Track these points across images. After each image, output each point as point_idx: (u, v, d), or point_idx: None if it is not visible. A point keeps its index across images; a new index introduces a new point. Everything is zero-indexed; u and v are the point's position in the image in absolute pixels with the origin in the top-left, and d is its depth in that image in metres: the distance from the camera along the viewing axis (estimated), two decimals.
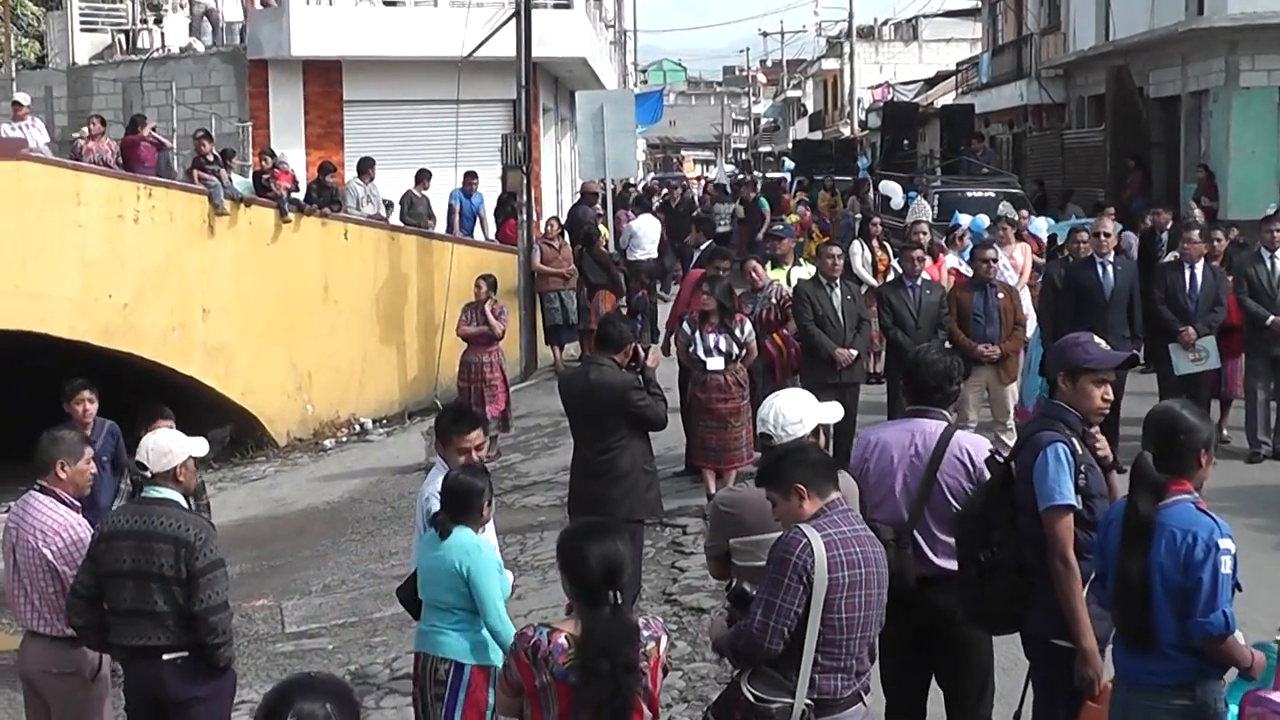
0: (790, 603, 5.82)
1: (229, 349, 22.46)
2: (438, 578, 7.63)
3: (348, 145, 27.67)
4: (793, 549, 5.86)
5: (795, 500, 6.02)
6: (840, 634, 5.88)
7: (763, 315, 14.45)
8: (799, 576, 5.81)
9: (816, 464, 6.13)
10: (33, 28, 43.84)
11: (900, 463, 7.38)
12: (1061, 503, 6.54)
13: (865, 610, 5.94)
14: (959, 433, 7.42)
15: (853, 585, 5.87)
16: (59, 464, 8.38)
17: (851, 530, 5.98)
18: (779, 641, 5.85)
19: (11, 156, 20.98)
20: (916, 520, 7.32)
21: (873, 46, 77.80)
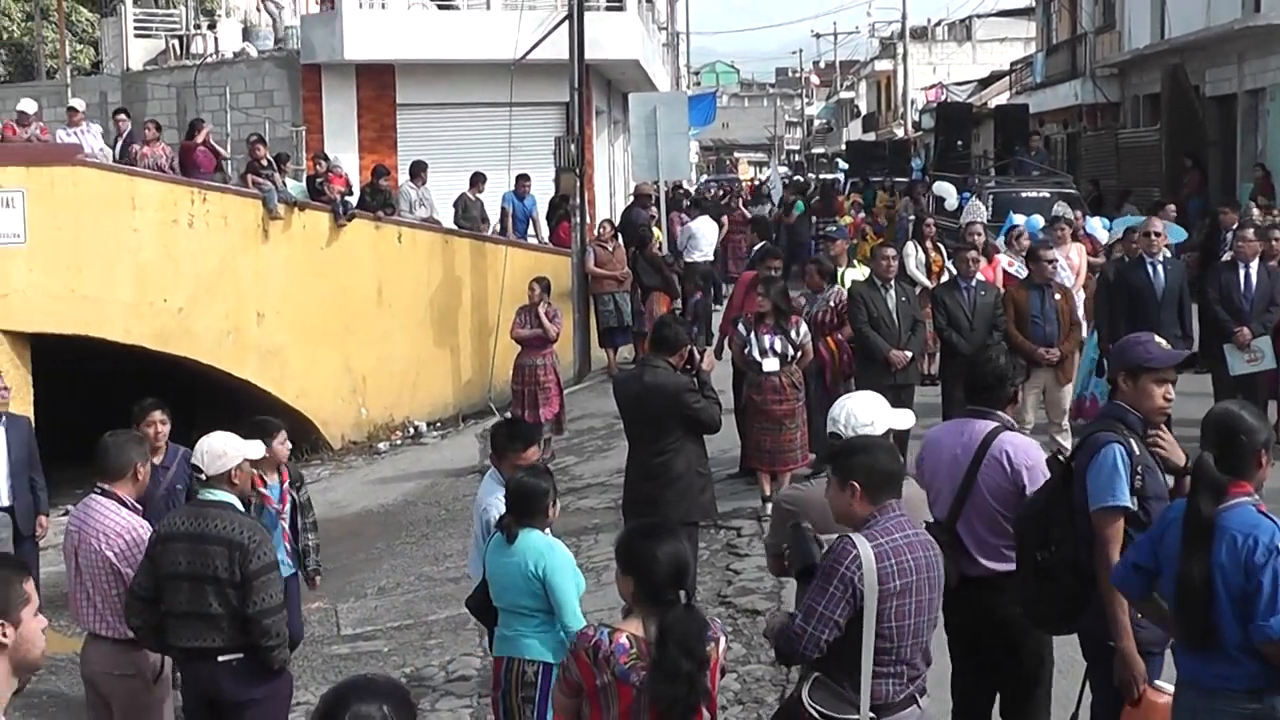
0: (833, 612, 5.80)
1: (283, 352, 22.53)
2: (513, 582, 7.61)
3: (401, 149, 27.71)
4: (842, 560, 5.84)
5: (848, 494, 6.02)
6: (892, 641, 5.87)
7: (819, 317, 14.39)
8: (845, 587, 5.80)
9: (881, 471, 6.08)
10: (87, 34, 44.15)
11: (949, 461, 7.42)
12: (1113, 504, 6.51)
13: (916, 616, 5.92)
14: (1004, 434, 7.41)
15: (904, 593, 5.85)
16: (137, 466, 8.42)
17: (904, 537, 5.95)
18: (814, 649, 5.85)
19: (67, 162, 21.12)
20: (956, 518, 7.36)
21: (926, 47, 77.53)
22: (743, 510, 13.89)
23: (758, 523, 13.42)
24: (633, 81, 33.16)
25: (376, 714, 3.87)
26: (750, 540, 13.05)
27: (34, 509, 12.59)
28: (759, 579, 11.92)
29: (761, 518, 13.43)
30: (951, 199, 28.66)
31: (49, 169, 20.83)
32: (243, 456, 8.02)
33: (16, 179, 20.49)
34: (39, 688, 11.90)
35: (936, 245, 19.24)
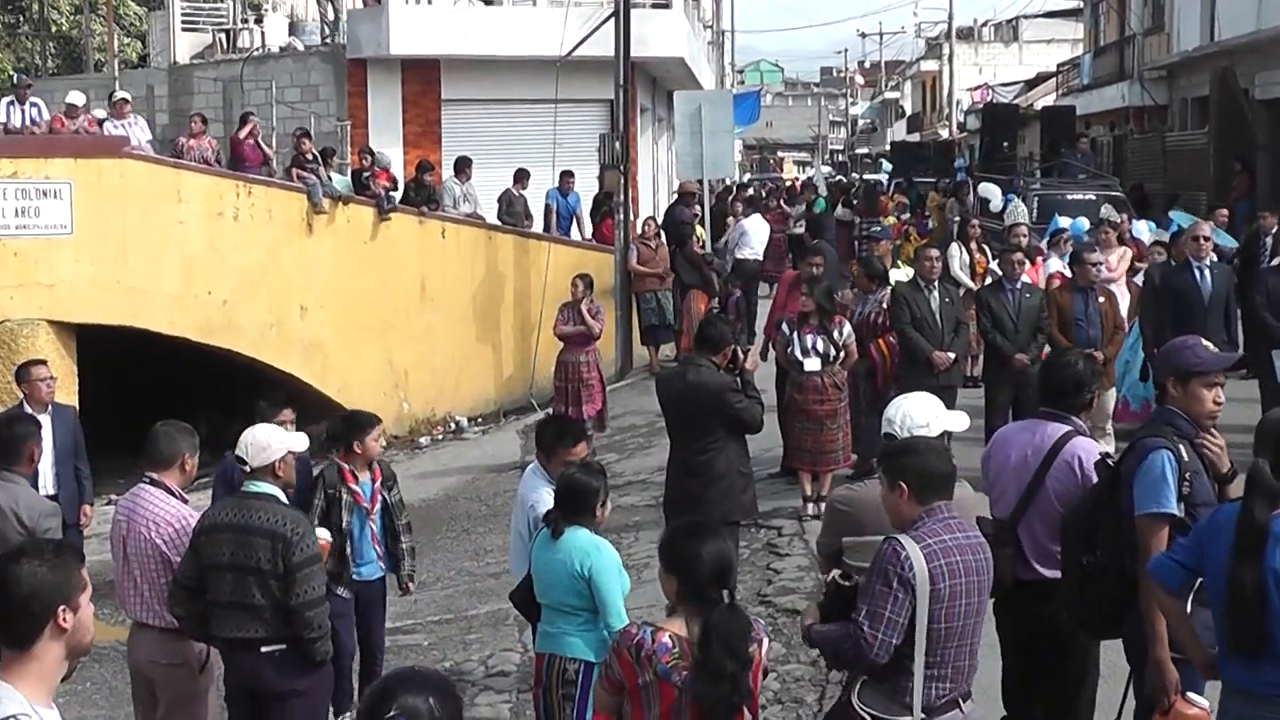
0: (898, 614, 5.78)
1: (326, 346, 22.60)
2: (558, 580, 7.61)
3: (445, 144, 27.77)
4: (894, 561, 5.81)
5: (897, 496, 6.00)
6: (938, 643, 5.83)
7: (871, 318, 14.35)
8: (904, 587, 5.77)
9: (930, 473, 6.04)
10: (135, 27, 44.39)
11: (1017, 463, 7.38)
12: (1158, 510, 6.48)
13: (964, 619, 5.89)
14: (1077, 439, 7.35)
15: (953, 595, 5.82)
16: (185, 457, 8.47)
17: (953, 539, 5.92)
18: (886, 653, 5.82)
19: (114, 154, 21.24)
20: (1018, 520, 7.30)
21: (972, 47, 77.26)
22: (784, 509, 13.86)
23: (798, 522, 13.41)
24: (677, 79, 33.14)
25: (423, 705, 3.88)
26: (791, 540, 13.03)
27: (78, 498, 12.68)
28: (799, 578, 11.91)
29: (802, 517, 13.42)
30: (996, 200, 28.57)
31: (96, 161, 20.96)
32: (286, 449, 8.06)
33: (64, 171, 20.64)
34: (83, 674, 11.98)
35: (981, 247, 19.18)
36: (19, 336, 20.12)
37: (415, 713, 3.87)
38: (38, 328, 20.28)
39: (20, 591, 4.42)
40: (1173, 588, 6.15)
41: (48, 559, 4.53)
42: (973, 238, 19.37)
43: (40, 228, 20.44)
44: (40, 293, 20.44)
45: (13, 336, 20.13)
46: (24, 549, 4.64)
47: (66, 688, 4.62)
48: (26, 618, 4.43)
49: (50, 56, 43.04)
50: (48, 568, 4.49)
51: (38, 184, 20.45)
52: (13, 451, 9.10)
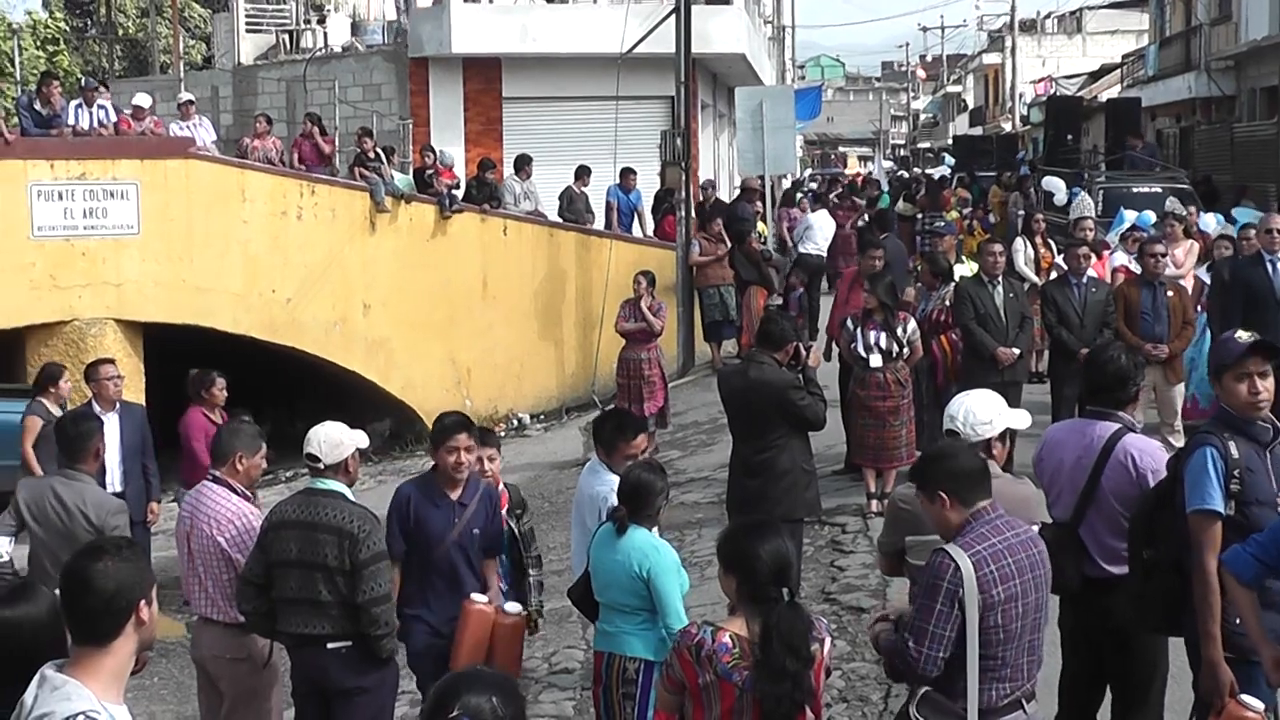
0: (943, 629, 5.73)
1: (389, 344, 22.70)
2: (617, 580, 7.61)
3: (506, 142, 27.83)
4: (942, 574, 5.75)
5: (939, 506, 5.93)
6: (997, 648, 5.78)
7: (933, 315, 14.28)
8: (950, 602, 5.72)
9: (964, 473, 5.97)
10: (199, 29, 44.75)
11: (1071, 464, 7.31)
12: (1203, 507, 6.41)
13: (1023, 620, 5.83)
14: (1128, 435, 7.27)
15: (1008, 599, 5.76)
16: (237, 455, 8.54)
17: (1003, 541, 5.84)
18: (934, 667, 5.78)
19: (180, 155, 21.42)
20: (1079, 521, 7.24)
21: (1035, 40, 76.78)
22: (847, 507, 13.80)
23: (862, 519, 13.35)
24: (738, 75, 33.10)
25: (486, 705, 3.88)
26: (855, 537, 12.97)
27: (145, 495, 12.79)
28: (864, 576, 11.86)
29: (867, 514, 13.37)
30: (1060, 194, 28.40)
31: (162, 162, 21.18)
32: (355, 445, 8.11)
33: (131, 171, 20.85)
34: (151, 670, 12.08)
35: (1046, 241, 19.05)
36: (87, 335, 20.35)
37: (479, 712, 3.88)
38: (105, 326, 20.51)
39: (106, 587, 4.48)
40: (1246, 579, 6.10)
41: (124, 555, 4.60)
42: (1037, 232, 19.24)
43: (108, 228, 20.66)
44: (108, 292, 20.66)
45: (81, 335, 20.35)
46: (101, 546, 4.70)
47: (134, 683, 4.67)
48: (111, 613, 4.49)
49: (117, 59, 43.46)
50: (125, 563, 4.56)
51: (105, 185, 20.66)
52: (77, 449, 9.16)
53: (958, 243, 22.37)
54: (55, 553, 8.52)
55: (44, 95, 21.43)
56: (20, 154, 20.36)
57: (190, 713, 10.84)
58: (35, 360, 20.35)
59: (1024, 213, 26.28)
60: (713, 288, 22.19)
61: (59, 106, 21.34)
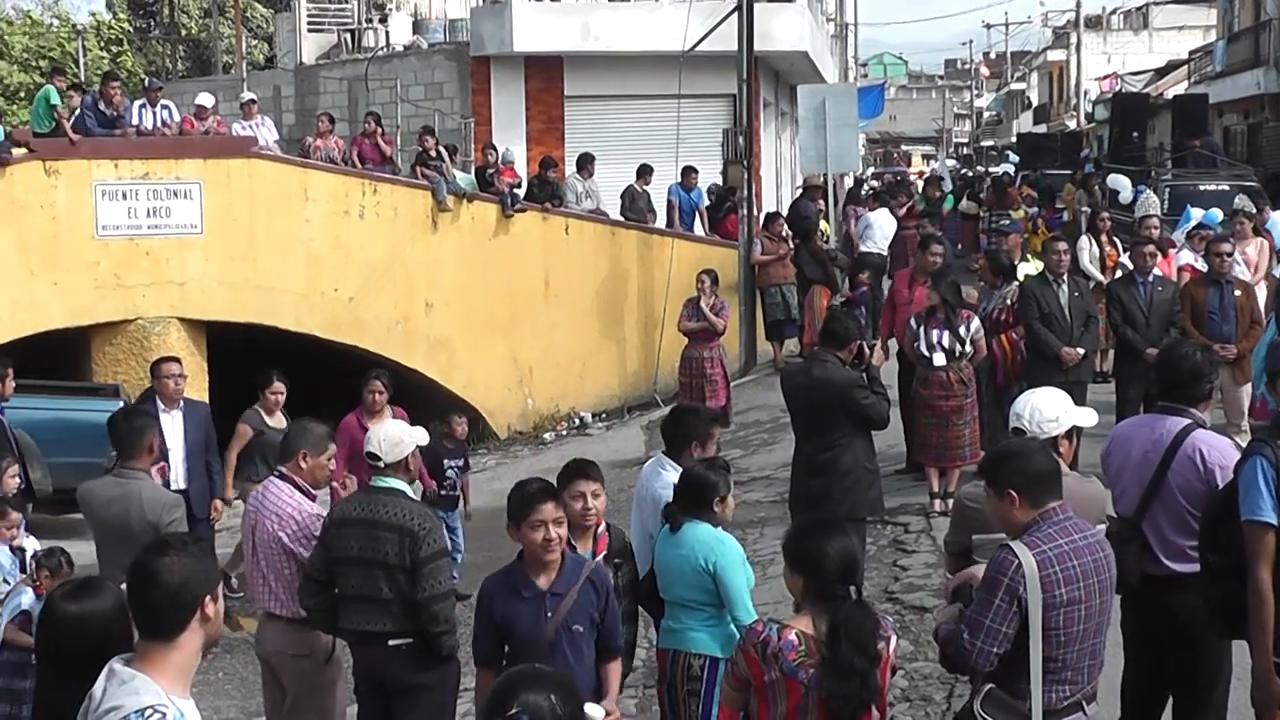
0: (1000, 624, 5.69)
1: (451, 343, 22.75)
2: (682, 576, 7.59)
3: (568, 140, 27.82)
4: (1005, 570, 5.72)
5: (1007, 504, 5.88)
6: (1058, 649, 5.74)
7: (994, 315, 14.18)
8: (1010, 598, 5.68)
9: (1035, 473, 5.92)
10: (262, 29, 45.02)
11: (1138, 458, 7.24)
12: (1254, 518, 6.38)
13: (1086, 623, 5.78)
14: (1197, 432, 7.19)
15: (1071, 602, 5.71)
16: (301, 454, 8.57)
17: (1069, 542, 5.79)
18: (986, 662, 5.74)
19: (243, 154, 21.54)
20: (1142, 517, 7.19)
21: (1100, 36, 76.28)
22: (910, 506, 13.73)
23: (925, 519, 13.28)
24: (801, 73, 33.03)
25: (544, 703, 3.88)
26: (918, 536, 12.91)
27: (209, 492, 12.84)
28: (926, 575, 11.79)
29: (929, 514, 13.30)
30: (1126, 192, 28.21)
31: (225, 161, 21.29)
32: (415, 443, 8.13)
33: (194, 171, 20.98)
34: (215, 665, 12.16)
35: (1111, 239, 18.91)
36: (151, 334, 20.50)
37: (537, 710, 3.87)
38: (169, 325, 20.66)
39: (172, 582, 4.51)
40: None
41: (190, 551, 4.63)
42: (1103, 230, 19.10)
43: (171, 227, 20.79)
44: (171, 291, 20.80)
45: (145, 334, 20.50)
46: (168, 542, 4.73)
47: (199, 678, 4.68)
48: (177, 608, 4.51)
49: (180, 59, 43.75)
50: (191, 559, 4.59)
51: (169, 184, 20.80)
52: (131, 445, 9.19)
53: (1023, 241, 22.24)
54: (116, 549, 8.56)
55: (106, 95, 21.59)
56: (85, 154, 20.52)
57: (254, 707, 10.89)
58: (100, 359, 20.57)
59: (1089, 210, 26.10)
60: (775, 286, 22.17)
61: (122, 107, 21.50)
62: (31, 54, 40.99)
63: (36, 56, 40.71)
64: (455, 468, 14.12)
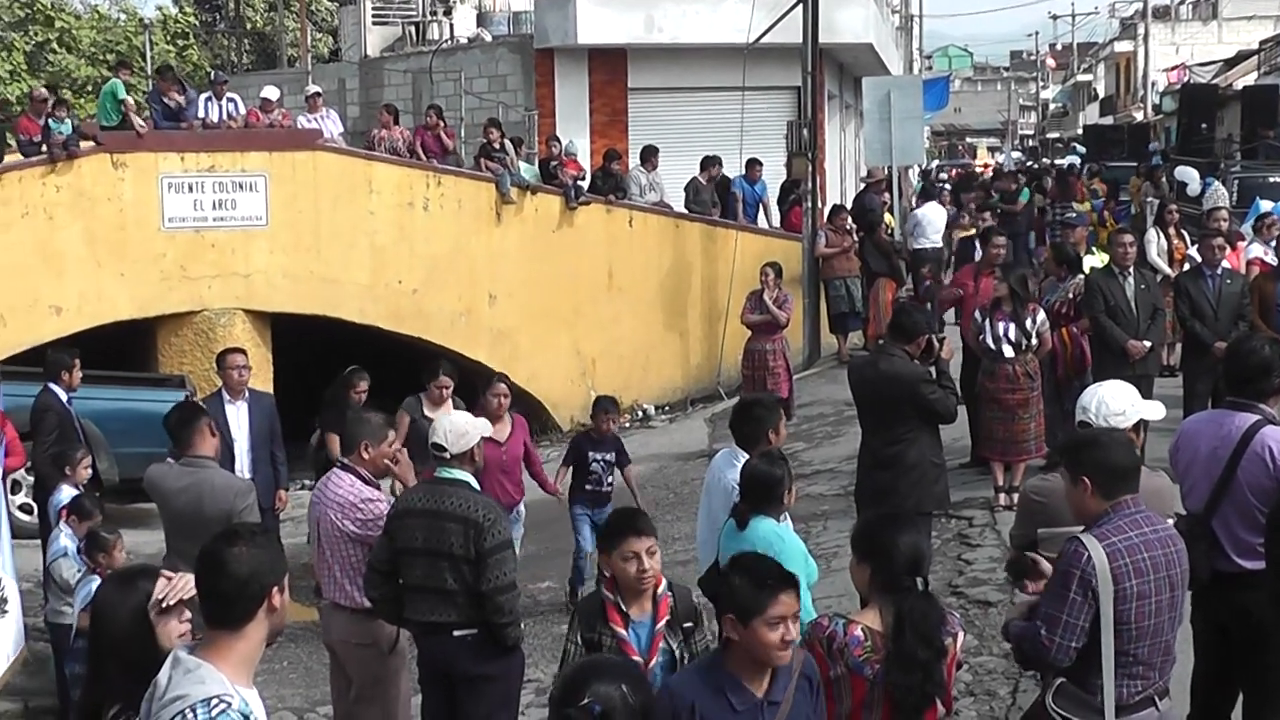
0: (1076, 618, 5.66)
1: (514, 334, 22.78)
2: None
3: (632, 133, 27.80)
4: (1076, 562, 5.69)
5: (1081, 491, 5.86)
6: (1129, 643, 5.71)
7: (1056, 308, 14.07)
8: (1084, 591, 5.65)
9: (1114, 465, 5.88)
10: (326, 23, 45.23)
11: (1206, 454, 7.18)
12: None
13: (1157, 617, 5.74)
14: (1266, 428, 7.12)
15: (1142, 594, 5.67)
16: (363, 445, 8.60)
17: (1140, 535, 5.76)
18: (1065, 657, 5.71)
19: (307, 147, 21.63)
20: (1211, 514, 7.12)
21: (1169, 26, 75.56)
22: (975, 500, 13.65)
23: (990, 513, 13.20)
24: (865, 65, 32.90)
25: (615, 694, 3.87)
26: (982, 530, 12.84)
27: (274, 483, 12.90)
28: (991, 569, 11.72)
29: (994, 508, 13.22)
30: (1194, 184, 27.96)
31: (290, 154, 21.39)
32: (479, 434, 8.13)
33: (259, 164, 21.09)
34: (280, 654, 12.22)
35: (1179, 232, 18.75)
36: (216, 325, 20.62)
37: (609, 700, 3.87)
38: (234, 317, 20.78)
39: (241, 572, 4.53)
40: None
41: (259, 541, 4.66)
42: (1170, 223, 18.95)
43: (237, 219, 20.91)
44: (237, 283, 20.92)
45: (210, 325, 20.63)
46: (237, 531, 4.75)
47: (263, 667, 4.71)
48: (245, 598, 4.54)
49: (245, 53, 44.04)
50: (260, 549, 4.62)
51: (234, 177, 20.91)
52: (183, 437, 9.24)
53: (1090, 234, 22.08)
54: (186, 537, 8.60)
55: (162, 90, 21.73)
56: (151, 146, 20.66)
57: (319, 696, 10.95)
58: (166, 350, 20.71)
59: (1156, 203, 25.88)
60: (839, 279, 22.12)
61: (185, 100, 21.63)
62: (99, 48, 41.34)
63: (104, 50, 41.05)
64: (601, 461, 13.40)
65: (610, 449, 13.53)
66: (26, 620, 11.49)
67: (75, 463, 11.33)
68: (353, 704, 8.72)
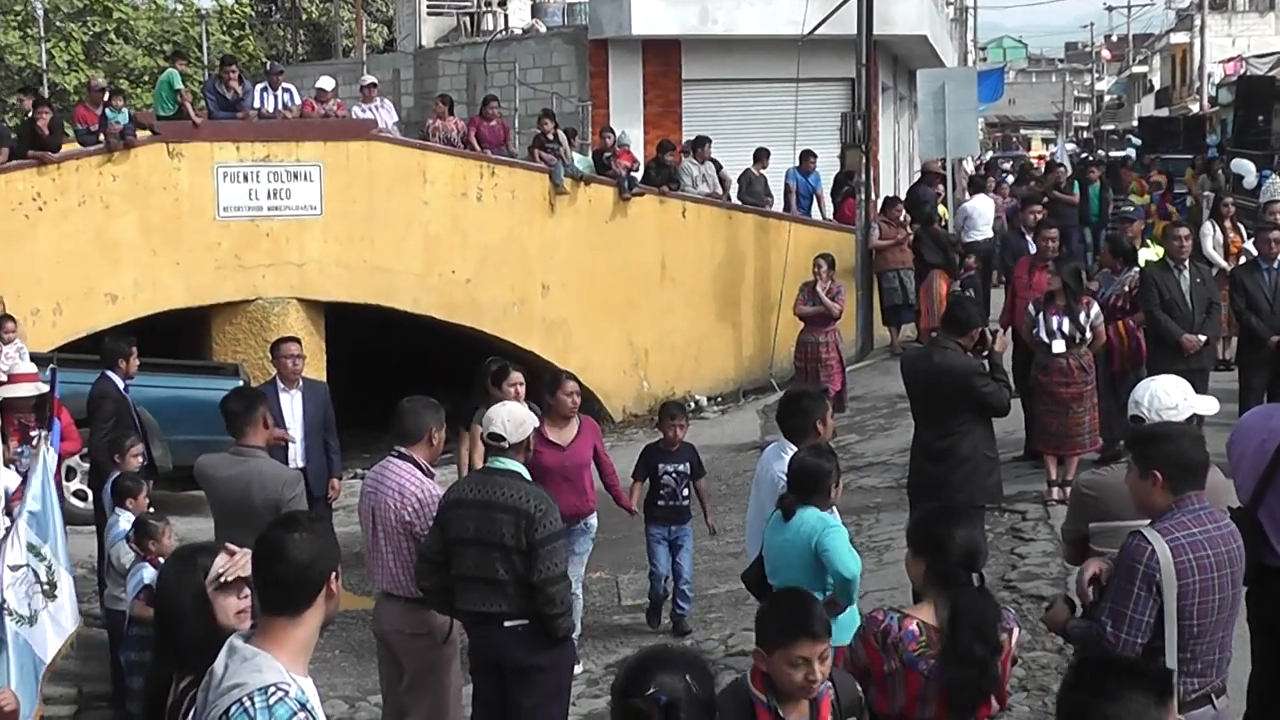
0: (1141, 613, 5.62)
1: (567, 325, 22.80)
2: (789, 561, 7.56)
3: (685, 124, 27.75)
4: (1139, 557, 5.64)
5: (1150, 484, 5.81)
6: (1189, 639, 5.67)
7: (1111, 301, 13.98)
8: (1148, 585, 5.61)
9: (1185, 461, 5.84)
10: (381, 13, 45.29)
11: (1255, 448, 7.15)
12: None
13: (1218, 613, 5.70)
14: None
15: (1204, 590, 5.63)
16: (430, 431, 8.61)
17: (1203, 531, 5.72)
18: (1132, 653, 5.66)
19: (362, 137, 21.70)
20: (1257, 506, 7.07)
21: (1225, 18, 74.88)
22: (1028, 494, 13.59)
23: (1043, 507, 13.14)
24: (919, 57, 32.76)
25: (679, 684, 3.87)
26: (1035, 525, 12.78)
27: (327, 471, 12.94)
28: (1044, 564, 11.67)
29: (1047, 502, 13.15)
30: (1250, 177, 27.76)
31: (345, 144, 21.49)
32: (534, 425, 8.16)
33: (314, 153, 21.19)
34: (332, 643, 12.27)
35: (1235, 225, 18.60)
36: (270, 314, 20.75)
37: (674, 691, 3.86)
38: (288, 306, 20.89)
39: (301, 558, 4.53)
40: None
41: (315, 527, 4.67)
42: (1226, 216, 18.81)
43: (291, 209, 21.02)
44: (291, 272, 21.03)
45: (265, 314, 20.75)
46: (294, 518, 4.78)
47: (315, 655, 4.71)
48: (305, 584, 4.54)
49: (300, 43, 44.18)
50: (317, 536, 4.62)
51: (289, 167, 21.02)
52: (240, 424, 9.29)
53: (1146, 226, 21.92)
54: (235, 526, 8.65)
55: (224, 79, 21.86)
56: (207, 136, 20.79)
57: (370, 685, 10.99)
58: (221, 339, 20.84)
59: (1213, 196, 25.68)
60: (892, 271, 22.06)
61: (241, 90, 21.74)
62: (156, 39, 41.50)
63: (160, 41, 41.21)
64: (674, 473, 12.07)
65: (683, 459, 12.17)
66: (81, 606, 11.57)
67: (125, 450, 11.40)
68: (404, 693, 8.74)
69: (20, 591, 8.53)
